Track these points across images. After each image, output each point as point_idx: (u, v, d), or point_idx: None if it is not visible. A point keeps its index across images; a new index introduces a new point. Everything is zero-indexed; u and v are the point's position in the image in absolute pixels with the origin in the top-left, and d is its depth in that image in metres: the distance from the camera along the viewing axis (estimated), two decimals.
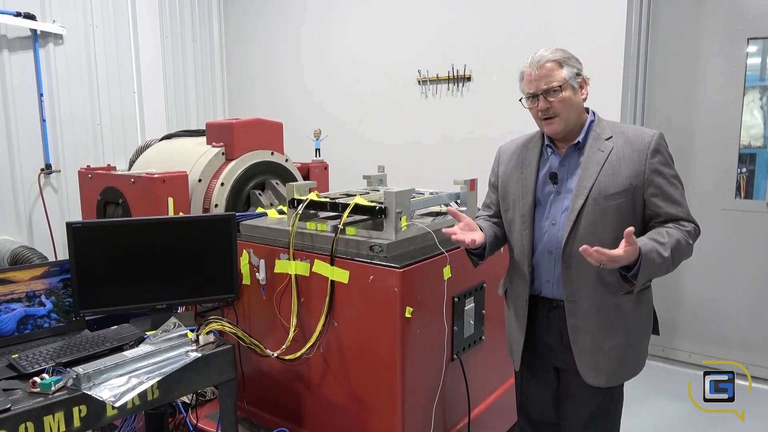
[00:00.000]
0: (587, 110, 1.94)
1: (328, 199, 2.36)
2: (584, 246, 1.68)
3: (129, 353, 1.85)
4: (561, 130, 1.87)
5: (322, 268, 2.21)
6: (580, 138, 1.89)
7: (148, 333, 2.08)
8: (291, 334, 2.28)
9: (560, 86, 1.83)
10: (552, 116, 1.85)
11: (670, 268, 1.81)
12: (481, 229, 1.95)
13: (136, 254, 2.25)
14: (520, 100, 1.94)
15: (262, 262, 2.40)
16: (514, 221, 2.00)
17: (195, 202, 2.94)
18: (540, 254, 1.95)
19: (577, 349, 1.91)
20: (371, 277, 2.08)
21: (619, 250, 1.67)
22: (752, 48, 3.77)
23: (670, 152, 1.87)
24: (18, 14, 4.20)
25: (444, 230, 1.91)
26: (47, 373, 1.72)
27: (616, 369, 1.91)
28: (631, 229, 1.66)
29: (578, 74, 1.86)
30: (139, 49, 5.02)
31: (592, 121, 1.92)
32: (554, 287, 1.93)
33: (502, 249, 2.14)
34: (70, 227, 2.15)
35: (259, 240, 2.48)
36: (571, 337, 1.91)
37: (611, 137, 1.87)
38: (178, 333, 1.97)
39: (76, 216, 3.98)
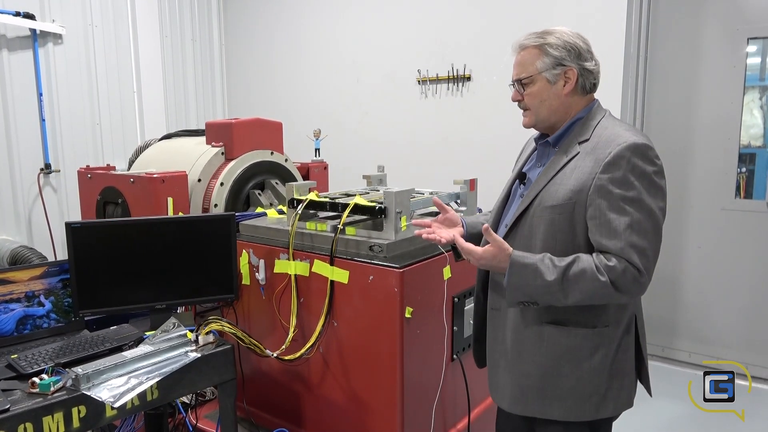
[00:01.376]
0: (593, 102, 1.71)
1: (327, 199, 2.35)
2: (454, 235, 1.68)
3: (128, 353, 1.84)
4: (531, 124, 1.72)
5: (321, 268, 2.21)
6: (551, 137, 1.70)
7: (147, 333, 2.08)
8: (290, 335, 2.28)
9: (528, 78, 1.65)
10: (524, 108, 1.71)
11: (559, 298, 1.53)
12: (462, 225, 1.85)
13: (136, 254, 2.25)
14: (509, 86, 1.77)
15: (262, 262, 2.39)
16: None
17: (194, 201, 2.93)
18: None
19: (490, 362, 1.82)
20: (371, 277, 2.08)
21: (476, 247, 1.60)
22: (752, 48, 3.77)
23: (644, 168, 1.52)
24: (17, 14, 4.20)
25: (414, 222, 1.85)
26: (46, 373, 1.72)
27: (523, 398, 1.71)
28: (486, 225, 1.58)
29: (560, 64, 1.62)
30: (139, 49, 5.02)
31: (579, 118, 1.67)
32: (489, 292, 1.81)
33: None
34: (70, 227, 2.14)
35: (258, 240, 2.47)
36: (488, 349, 1.82)
37: (587, 140, 1.62)
38: (178, 333, 1.97)
39: (76, 216, 3.98)
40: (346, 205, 2.24)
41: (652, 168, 1.53)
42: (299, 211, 2.32)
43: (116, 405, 1.66)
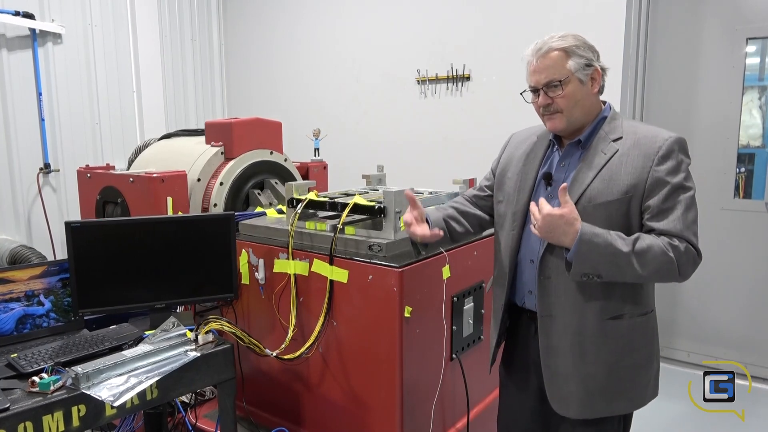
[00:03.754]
0: (604, 103, 1.76)
1: (327, 199, 2.35)
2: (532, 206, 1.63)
3: (128, 353, 1.84)
4: (563, 127, 1.71)
5: (321, 267, 2.21)
6: (582, 136, 1.72)
7: (147, 332, 2.08)
8: (290, 334, 2.28)
9: (563, 80, 1.64)
10: (553, 112, 1.69)
11: (633, 270, 1.55)
12: (427, 220, 1.85)
13: (135, 254, 2.25)
14: (521, 94, 1.76)
15: (261, 261, 2.39)
16: (505, 217, 1.85)
17: (194, 201, 2.93)
18: (522, 261, 1.81)
19: (548, 373, 1.75)
20: (370, 276, 2.08)
21: (547, 204, 1.58)
22: (751, 48, 3.77)
23: (687, 161, 1.64)
24: (17, 13, 4.20)
25: (405, 219, 1.83)
26: (46, 372, 1.72)
27: (591, 401, 1.71)
28: (564, 185, 1.56)
29: (588, 65, 1.66)
30: (138, 49, 5.02)
31: (603, 118, 1.72)
32: (536, 299, 1.76)
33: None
34: (69, 226, 2.14)
35: (258, 239, 2.48)
36: (542, 359, 1.75)
37: (620, 138, 1.66)
38: (177, 332, 1.97)
39: (75, 215, 3.98)
40: (345, 205, 2.24)
41: (689, 160, 1.65)
42: (299, 211, 2.33)
43: (116, 404, 1.67)
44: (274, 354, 2.24)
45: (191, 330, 2.01)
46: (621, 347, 1.69)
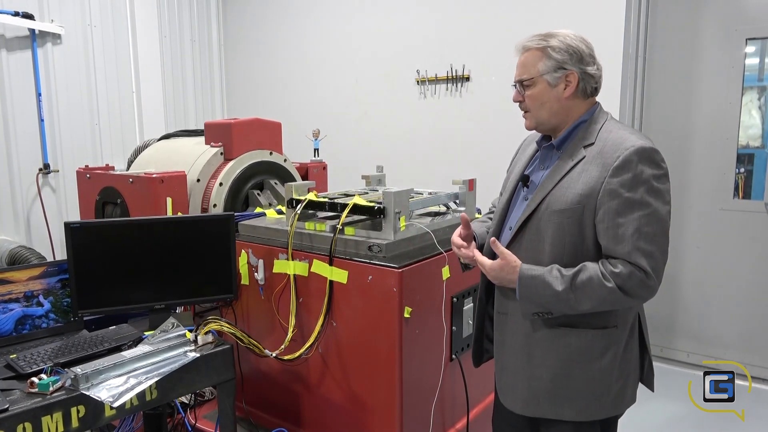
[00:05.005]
0: (595, 104, 1.71)
1: (326, 199, 2.35)
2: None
3: (127, 353, 1.84)
4: (532, 126, 1.73)
5: (320, 268, 2.21)
6: (555, 141, 1.70)
7: (146, 333, 2.07)
8: (289, 334, 2.28)
9: (531, 80, 1.65)
10: (525, 110, 1.71)
11: (571, 306, 1.55)
12: (474, 238, 1.86)
13: (135, 254, 2.25)
14: (513, 85, 1.76)
15: (261, 262, 2.39)
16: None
17: (193, 202, 2.93)
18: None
19: (498, 366, 1.81)
20: (370, 277, 2.08)
21: (486, 259, 1.67)
22: (750, 48, 3.77)
23: (652, 172, 1.53)
24: (16, 14, 4.19)
25: (454, 240, 1.82)
26: (45, 373, 1.72)
27: (535, 400, 1.71)
28: (494, 239, 1.63)
29: (561, 68, 1.61)
30: (138, 49, 5.02)
31: (583, 122, 1.67)
32: (495, 297, 1.81)
33: None
34: (69, 227, 2.14)
35: (257, 240, 2.47)
36: (495, 353, 1.82)
37: (591, 144, 1.61)
38: (177, 333, 1.97)
39: (74, 216, 3.98)
40: (345, 205, 2.24)
41: (658, 171, 1.55)
42: (298, 211, 2.32)
43: (115, 405, 1.66)
44: (274, 354, 2.24)
45: (191, 331, 2.00)
46: (570, 356, 1.65)
